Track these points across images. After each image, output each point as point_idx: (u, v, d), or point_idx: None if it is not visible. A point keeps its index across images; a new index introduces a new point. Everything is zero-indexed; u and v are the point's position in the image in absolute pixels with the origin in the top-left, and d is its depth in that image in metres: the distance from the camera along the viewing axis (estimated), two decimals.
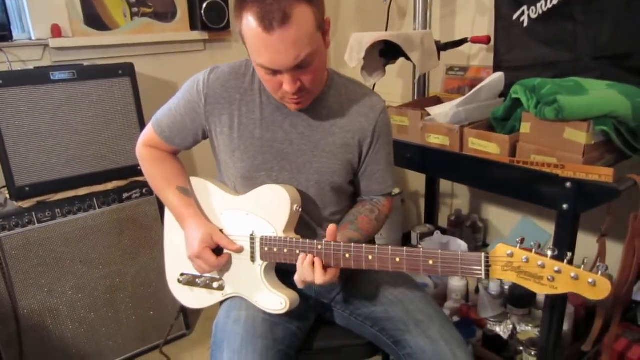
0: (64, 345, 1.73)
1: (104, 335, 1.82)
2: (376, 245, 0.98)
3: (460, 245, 1.86)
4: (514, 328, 1.56)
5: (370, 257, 0.99)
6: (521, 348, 1.50)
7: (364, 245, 1.00)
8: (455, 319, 1.64)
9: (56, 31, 1.80)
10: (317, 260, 1.01)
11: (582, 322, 1.56)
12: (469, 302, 1.72)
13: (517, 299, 1.61)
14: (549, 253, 0.83)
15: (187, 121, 1.16)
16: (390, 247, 0.97)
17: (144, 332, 1.92)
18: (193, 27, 2.06)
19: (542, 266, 0.83)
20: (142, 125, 1.79)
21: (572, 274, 0.80)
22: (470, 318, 1.63)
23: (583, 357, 1.46)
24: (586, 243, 1.36)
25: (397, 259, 0.96)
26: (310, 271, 1.01)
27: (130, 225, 1.82)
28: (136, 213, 1.83)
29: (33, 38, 1.79)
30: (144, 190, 1.83)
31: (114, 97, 1.72)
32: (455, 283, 1.73)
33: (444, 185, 2.27)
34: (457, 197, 2.30)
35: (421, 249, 0.95)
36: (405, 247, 0.96)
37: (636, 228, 1.15)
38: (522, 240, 0.86)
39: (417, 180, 2.41)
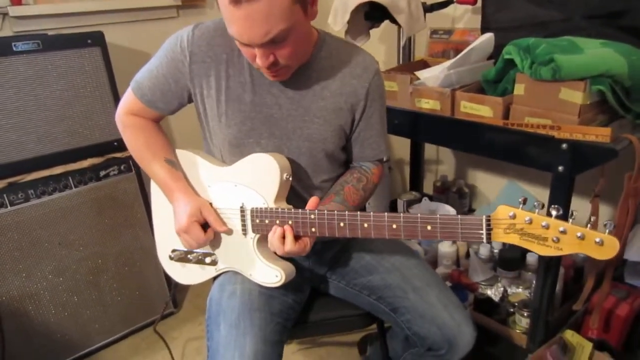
0: (47, 330, 1.67)
1: (89, 318, 1.76)
2: (371, 213, 0.95)
3: (448, 211, 1.86)
4: (505, 291, 1.57)
5: (365, 225, 0.96)
6: (512, 310, 1.51)
7: (358, 212, 0.96)
8: (447, 284, 1.65)
9: None
10: (287, 228, 0.99)
11: (571, 282, 1.58)
12: (460, 267, 1.72)
13: (507, 262, 1.62)
14: (553, 213, 0.81)
15: (170, 82, 1.08)
16: (386, 213, 0.94)
17: (131, 313, 1.88)
18: None
19: (547, 227, 0.80)
20: (116, 98, 1.69)
21: (578, 234, 0.78)
22: (462, 283, 1.63)
23: (572, 315, 1.49)
24: (577, 204, 1.36)
25: (394, 226, 0.94)
26: (280, 243, 0.99)
27: (110, 203, 1.74)
28: (115, 191, 1.75)
29: None
30: (122, 167, 1.75)
31: (84, 68, 1.62)
32: (445, 249, 1.73)
33: (429, 151, 2.26)
34: (442, 163, 2.29)
35: (419, 215, 0.92)
36: (402, 214, 0.93)
37: (630, 188, 1.15)
38: (525, 201, 0.83)
39: (401, 147, 2.38)
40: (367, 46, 1.77)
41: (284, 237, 0.99)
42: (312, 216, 0.99)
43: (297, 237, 1.00)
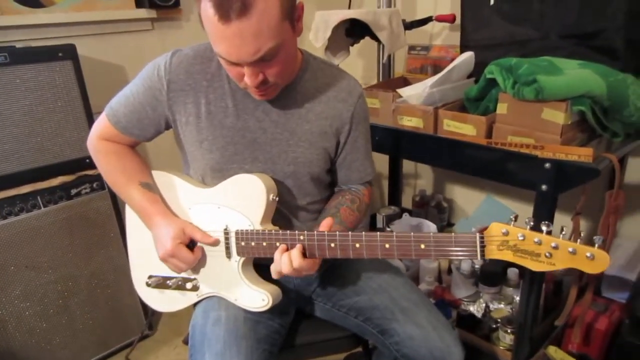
0: (13, 359, 1.57)
1: (59, 344, 1.67)
2: (363, 233, 0.93)
3: (429, 226, 1.86)
4: (487, 307, 1.58)
5: (357, 245, 0.94)
6: (495, 326, 1.52)
7: (349, 233, 0.95)
8: (431, 301, 1.64)
9: None
10: (299, 247, 0.94)
11: (551, 296, 1.60)
12: (442, 284, 1.72)
13: (488, 277, 1.63)
14: (544, 229, 0.82)
15: (147, 109, 1.05)
16: (378, 233, 0.93)
17: (104, 337, 1.79)
18: (139, 4, 1.89)
19: (539, 243, 0.81)
20: (89, 112, 1.63)
21: (570, 249, 0.79)
22: (445, 299, 1.63)
23: (553, 330, 1.51)
24: (557, 220, 1.38)
25: (387, 245, 0.92)
26: (288, 257, 0.94)
27: (82, 223, 1.67)
28: (87, 210, 1.67)
29: None
30: (94, 185, 1.68)
31: (54, 82, 1.55)
32: (428, 264, 1.73)
33: (407, 165, 2.26)
34: (420, 177, 2.30)
35: (412, 234, 0.91)
36: (394, 232, 0.92)
37: (612, 205, 1.17)
38: (516, 218, 0.84)
39: (380, 162, 2.37)
40: (347, 61, 1.78)
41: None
42: (301, 237, 0.96)
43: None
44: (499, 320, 1.50)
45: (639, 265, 1.42)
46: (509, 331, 1.44)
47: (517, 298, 1.55)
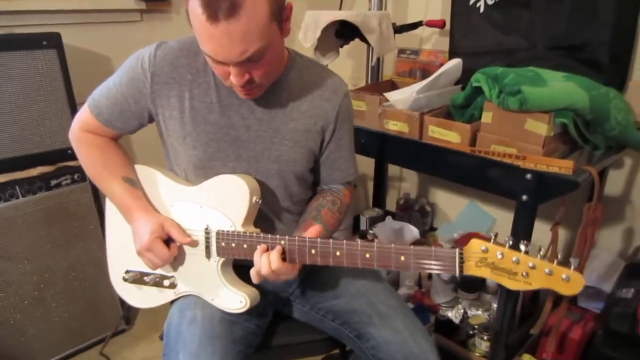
0: None
1: (33, 336, 1.65)
2: (344, 241, 0.93)
3: (412, 230, 1.87)
4: (465, 313, 1.59)
5: (338, 253, 0.94)
6: (472, 332, 1.53)
7: (331, 240, 0.94)
8: (410, 305, 1.65)
9: None
10: (278, 248, 0.94)
11: (528, 303, 1.62)
12: (422, 289, 1.73)
13: (467, 283, 1.64)
14: (522, 248, 0.82)
15: (130, 102, 1.03)
16: (359, 242, 0.93)
17: (80, 330, 1.77)
18: None
19: (517, 262, 0.82)
20: (72, 103, 1.60)
21: (547, 270, 0.80)
22: (424, 304, 1.64)
23: (529, 338, 1.53)
24: (536, 228, 1.40)
25: (367, 255, 0.92)
26: (267, 260, 0.93)
27: (61, 214, 1.64)
28: (67, 201, 1.65)
29: None
30: (75, 176, 1.65)
31: (38, 71, 1.52)
32: None
33: (393, 168, 2.27)
34: (405, 180, 2.31)
35: (392, 245, 0.91)
36: (375, 243, 0.92)
37: (590, 218, 1.18)
38: (496, 235, 0.84)
39: (365, 164, 2.38)
40: (336, 61, 1.78)
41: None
42: (282, 242, 0.96)
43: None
44: (476, 326, 1.51)
45: (615, 277, 1.45)
46: (485, 338, 1.46)
47: (495, 305, 1.57)
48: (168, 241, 1.03)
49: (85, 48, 1.82)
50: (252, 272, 0.97)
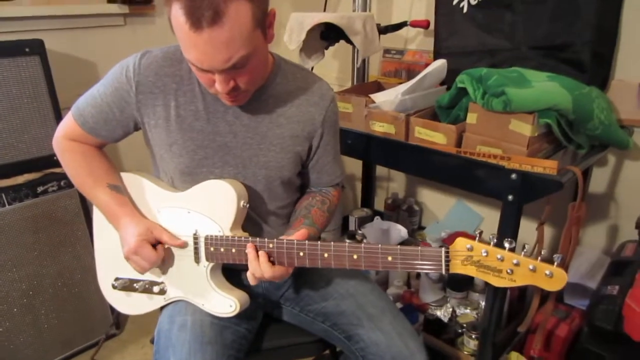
0: None
1: (22, 343, 1.63)
2: (332, 243, 0.94)
3: (400, 230, 1.88)
4: (454, 311, 1.61)
5: (325, 255, 0.95)
6: (460, 331, 1.55)
7: (319, 242, 0.95)
8: (399, 305, 1.67)
9: None
10: (261, 254, 0.96)
11: (516, 301, 1.64)
12: (411, 288, 1.75)
13: (456, 282, 1.66)
14: (507, 245, 0.84)
15: (115, 111, 1.03)
16: (347, 244, 0.94)
17: (69, 336, 1.76)
18: None
19: (501, 259, 0.83)
20: (57, 110, 1.59)
21: (530, 267, 0.81)
22: (413, 304, 1.65)
23: (516, 335, 1.55)
24: (522, 228, 1.42)
25: (355, 256, 0.94)
26: (257, 266, 0.96)
27: (48, 221, 1.63)
28: (54, 208, 1.64)
29: None
30: (62, 183, 1.64)
31: (21, 78, 1.51)
32: None
33: (381, 168, 2.28)
34: (393, 180, 2.32)
35: (379, 245, 0.92)
36: (362, 244, 0.93)
37: (574, 217, 1.20)
38: (481, 234, 0.86)
39: (353, 164, 2.39)
40: (322, 62, 1.78)
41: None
42: (271, 245, 0.97)
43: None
44: (465, 325, 1.53)
45: (600, 274, 1.47)
46: (473, 337, 1.47)
47: (483, 303, 1.59)
48: (155, 246, 1.03)
49: (69, 53, 1.80)
50: (249, 275, 0.98)
